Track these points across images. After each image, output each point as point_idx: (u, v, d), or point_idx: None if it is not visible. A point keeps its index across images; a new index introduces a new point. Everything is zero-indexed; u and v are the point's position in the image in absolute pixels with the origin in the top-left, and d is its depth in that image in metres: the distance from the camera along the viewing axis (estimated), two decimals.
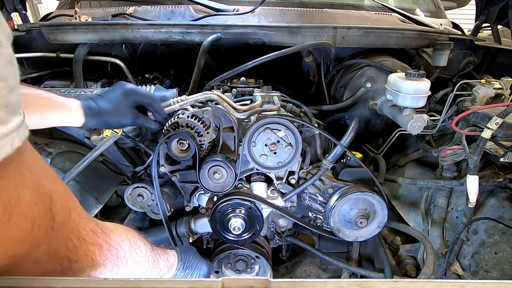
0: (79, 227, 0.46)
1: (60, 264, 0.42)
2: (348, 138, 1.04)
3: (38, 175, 0.39)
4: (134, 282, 0.34)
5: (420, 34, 1.42)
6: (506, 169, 1.23)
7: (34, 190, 0.37)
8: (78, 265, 0.45)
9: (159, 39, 1.31)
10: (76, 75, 1.31)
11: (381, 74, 1.41)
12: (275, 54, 1.22)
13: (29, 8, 2.93)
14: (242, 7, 1.57)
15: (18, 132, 0.33)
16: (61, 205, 0.42)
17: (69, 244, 0.43)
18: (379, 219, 1.05)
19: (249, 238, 1.11)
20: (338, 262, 1.18)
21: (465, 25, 2.11)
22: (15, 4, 1.73)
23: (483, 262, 1.14)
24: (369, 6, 1.77)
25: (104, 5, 1.74)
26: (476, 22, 1.91)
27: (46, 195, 0.39)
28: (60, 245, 0.42)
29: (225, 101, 1.04)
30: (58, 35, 1.32)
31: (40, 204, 0.37)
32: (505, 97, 1.29)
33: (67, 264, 0.43)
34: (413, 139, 1.60)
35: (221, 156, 1.05)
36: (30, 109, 0.69)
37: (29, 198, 0.36)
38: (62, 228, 0.42)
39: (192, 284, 0.35)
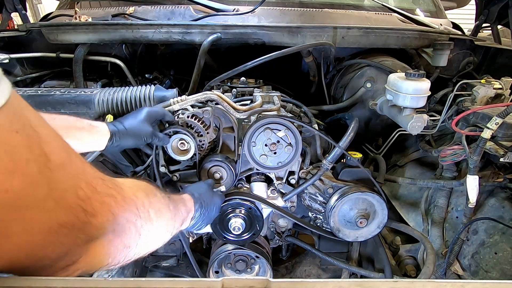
0: (86, 175, 0.41)
1: (76, 216, 0.38)
2: (348, 138, 1.04)
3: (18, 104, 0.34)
4: (134, 282, 0.34)
5: (420, 34, 1.42)
6: (506, 169, 1.23)
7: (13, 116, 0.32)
8: (98, 219, 0.41)
9: (159, 39, 1.31)
10: (76, 75, 1.31)
11: (381, 74, 1.41)
12: (275, 54, 1.22)
13: (29, 8, 2.93)
14: (242, 7, 1.57)
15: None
16: (56, 145, 0.38)
17: (79, 192, 0.39)
18: (379, 219, 1.05)
19: (249, 238, 1.11)
20: (338, 262, 1.18)
21: (465, 25, 2.11)
22: (15, 4, 1.73)
23: (483, 262, 1.14)
24: (369, 6, 1.77)
25: (104, 5, 1.74)
26: (476, 22, 1.91)
27: (29, 127, 0.34)
28: (67, 191, 0.38)
29: (225, 101, 1.04)
30: (58, 35, 1.32)
31: (23, 134, 0.33)
32: (505, 97, 1.29)
33: (84, 217, 0.39)
34: (413, 139, 1.60)
35: (221, 156, 1.05)
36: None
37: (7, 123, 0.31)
38: (62, 170, 0.37)
39: (192, 284, 0.35)
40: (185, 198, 0.83)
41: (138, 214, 0.50)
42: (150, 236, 0.55)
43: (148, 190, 0.58)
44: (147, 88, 1.12)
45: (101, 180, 0.43)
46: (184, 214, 0.77)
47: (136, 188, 0.55)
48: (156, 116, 0.96)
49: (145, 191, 0.56)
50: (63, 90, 1.08)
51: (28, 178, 0.33)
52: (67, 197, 0.37)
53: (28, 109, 0.36)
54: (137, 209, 0.50)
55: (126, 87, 1.12)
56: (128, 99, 1.09)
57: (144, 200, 0.54)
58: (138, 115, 0.93)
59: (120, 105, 1.08)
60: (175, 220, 0.68)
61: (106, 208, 0.43)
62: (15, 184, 0.32)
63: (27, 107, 0.37)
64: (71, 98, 1.05)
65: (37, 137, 0.35)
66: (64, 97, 1.05)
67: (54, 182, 0.36)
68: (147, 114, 0.93)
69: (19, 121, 0.33)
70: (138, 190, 0.54)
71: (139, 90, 1.11)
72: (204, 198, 0.90)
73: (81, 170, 0.41)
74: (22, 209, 0.33)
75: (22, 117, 0.34)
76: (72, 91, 1.08)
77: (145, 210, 0.53)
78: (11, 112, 0.33)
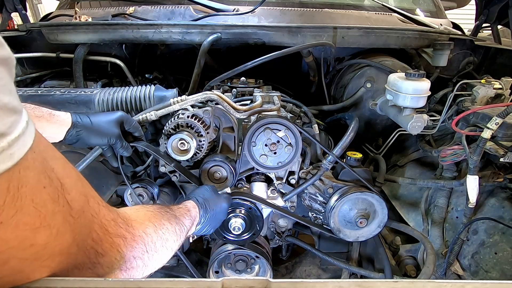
0: (100, 217, 0.43)
1: (88, 257, 0.40)
2: (348, 138, 1.04)
3: (45, 156, 0.35)
4: (134, 282, 0.34)
5: (420, 34, 1.42)
6: (506, 169, 1.23)
7: (40, 172, 0.33)
8: (105, 259, 0.43)
9: (159, 39, 1.31)
10: (76, 75, 1.31)
11: (381, 74, 1.41)
12: (275, 54, 1.22)
13: (29, 8, 2.92)
14: (242, 7, 1.57)
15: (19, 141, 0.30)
16: (77, 192, 0.39)
17: (93, 235, 0.41)
18: (379, 218, 1.05)
19: (249, 238, 1.11)
20: (338, 262, 1.18)
21: (465, 25, 2.11)
22: (15, 4, 1.73)
23: (483, 262, 1.14)
24: (369, 6, 1.77)
25: (104, 5, 1.74)
26: (476, 22, 1.91)
27: (55, 179, 0.35)
28: (85, 235, 0.39)
29: (225, 101, 1.04)
30: (58, 35, 1.32)
31: (49, 188, 0.34)
32: (505, 97, 1.29)
33: (94, 258, 0.41)
34: (413, 139, 1.60)
35: (221, 156, 1.05)
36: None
37: (35, 180, 0.32)
38: (82, 216, 0.39)
39: (192, 284, 0.35)
40: (189, 207, 0.82)
41: (146, 249, 0.53)
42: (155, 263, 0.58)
43: (158, 222, 0.60)
44: (147, 88, 1.12)
45: (113, 221, 0.46)
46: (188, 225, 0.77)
47: (146, 222, 0.57)
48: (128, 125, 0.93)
49: (155, 224, 0.59)
50: (63, 90, 1.08)
51: (53, 230, 0.34)
52: (85, 242, 0.39)
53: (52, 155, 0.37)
54: (145, 245, 0.53)
55: (126, 87, 1.12)
56: (128, 99, 1.09)
57: (153, 235, 0.56)
58: (110, 115, 0.90)
59: (120, 105, 1.08)
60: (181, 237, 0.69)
61: (115, 248, 0.45)
62: (41, 238, 0.33)
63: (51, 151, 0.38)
64: (71, 98, 1.05)
65: (62, 188, 0.36)
66: (64, 97, 1.05)
67: (76, 228, 0.37)
68: (119, 118, 0.90)
69: (45, 175, 0.34)
70: (148, 225, 0.57)
71: (139, 90, 1.11)
72: (210, 203, 0.89)
73: (96, 212, 0.42)
74: (46, 258, 0.34)
75: (48, 169, 0.35)
76: (72, 91, 1.08)
77: (153, 243, 0.55)
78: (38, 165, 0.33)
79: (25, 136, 0.31)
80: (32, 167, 0.32)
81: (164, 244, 0.60)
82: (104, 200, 0.46)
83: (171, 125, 1.00)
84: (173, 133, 0.99)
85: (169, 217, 0.67)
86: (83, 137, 0.84)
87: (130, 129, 0.94)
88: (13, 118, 0.30)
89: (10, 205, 0.29)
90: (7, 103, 0.29)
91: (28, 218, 0.31)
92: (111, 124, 0.88)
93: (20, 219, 0.30)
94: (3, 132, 0.29)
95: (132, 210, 0.59)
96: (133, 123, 0.95)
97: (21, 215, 0.30)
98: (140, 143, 0.97)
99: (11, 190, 0.29)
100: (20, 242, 0.31)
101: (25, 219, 0.31)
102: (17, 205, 0.30)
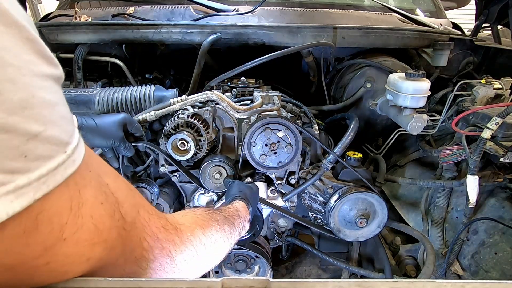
0: (150, 225, 0.44)
1: (138, 266, 0.41)
2: (348, 138, 1.04)
3: (98, 173, 0.36)
4: (134, 282, 0.34)
5: (420, 34, 1.42)
6: (506, 169, 1.23)
7: (96, 189, 0.34)
8: (156, 264, 0.44)
9: (159, 39, 1.31)
10: (76, 75, 1.31)
11: (381, 74, 1.41)
12: (275, 54, 1.22)
13: (29, 8, 2.93)
14: (242, 7, 1.57)
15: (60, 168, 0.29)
16: (129, 204, 0.40)
17: (144, 244, 0.41)
18: (379, 218, 1.05)
19: (249, 238, 1.10)
20: (338, 262, 1.18)
21: (465, 25, 2.11)
22: None
23: (483, 262, 1.14)
24: (369, 6, 1.77)
25: (104, 5, 1.74)
26: (476, 22, 1.91)
27: (110, 195, 0.37)
28: (135, 245, 0.40)
29: (225, 101, 1.04)
30: (58, 35, 1.32)
31: (106, 204, 0.35)
32: (505, 97, 1.29)
33: (146, 265, 0.42)
34: (413, 139, 1.60)
35: (221, 156, 1.05)
36: None
37: (93, 197, 0.33)
38: (133, 228, 0.40)
39: (192, 284, 0.35)
40: (237, 206, 0.81)
41: (195, 251, 0.53)
42: (207, 264, 0.59)
43: (205, 224, 0.61)
44: (147, 88, 1.12)
45: (163, 227, 0.47)
46: (241, 225, 0.77)
47: (194, 225, 0.58)
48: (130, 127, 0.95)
49: (202, 227, 0.59)
50: (63, 90, 1.08)
51: (108, 244, 0.35)
52: (135, 252, 0.40)
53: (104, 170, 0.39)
54: (194, 248, 0.53)
55: (126, 87, 1.12)
56: (128, 99, 1.09)
57: (201, 237, 0.57)
58: (113, 116, 0.91)
59: (120, 105, 1.08)
60: (232, 237, 0.70)
61: (165, 253, 0.46)
62: (97, 251, 0.34)
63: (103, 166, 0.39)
64: (71, 98, 1.05)
65: (116, 202, 0.37)
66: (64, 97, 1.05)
67: (127, 241, 0.38)
68: (122, 120, 0.91)
69: (101, 191, 0.35)
70: (196, 228, 0.57)
71: (139, 90, 1.11)
72: (250, 194, 0.89)
73: (147, 221, 0.43)
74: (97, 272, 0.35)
75: (103, 185, 0.36)
76: (72, 91, 1.08)
77: (202, 245, 0.56)
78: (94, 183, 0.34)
79: (80, 147, 0.33)
80: (89, 186, 0.33)
81: (214, 244, 0.60)
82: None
83: (171, 125, 1.00)
84: (173, 133, 0.99)
85: (217, 218, 0.67)
86: (88, 139, 0.85)
87: (132, 130, 0.95)
88: (71, 128, 0.32)
89: (72, 223, 0.30)
90: (65, 113, 0.31)
91: (88, 235, 0.32)
92: (115, 126, 0.89)
93: (81, 236, 0.32)
94: (67, 141, 0.30)
95: (180, 215, 0.60)
96: (135, 124, 0.96)
97: (81, 232, 0.31)
98: (142, 142, 0.98)
99: (73, 209, 0.31)
100: (79, 257, 0.32)
101: (85, 236, 0.32)
102: (78, 222, 0.31)
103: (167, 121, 1.03)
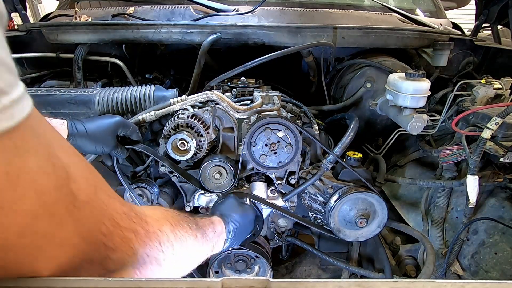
0: (109, 209, 0.41)
1: (97, 252, 0.38)
2: (348, 138, 1.04)
3: (50, 144, 0.34)
4: (134, 282, 0.34)
5: (420, 34, 1.42)
6: (506, 169, 1.23)
7: (42, 158, 0.32)
8: (117, 254, 0.41)
9: (159, 39, 1.31)
10: (76, 75, 1.31)
11: (381, 74, 1.41)
12: (275, 54, 1.22)
13: (29, 8, 2.92)
14: (242, 7, 1.57)
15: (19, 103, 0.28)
16: (84, 182, 0.37)
17: (102, 228, 0.39)
18: (379, 219, 1.05)
19: (249, 238, 1.10)
20: (338, 262, 1.18)
21: (465, 25, 2.11)
22: (15, 4, 1.73)
23: (483, 262, 1.14)
24: (369, 6, 1.77)
25: (104, 5, 1.74)
26: (476, 22, 1.91)
27: (60, 168, 0.34)
28: (92, 227, 0.38)
29: (225, 101, 1.04)
30: (58, 35, 1.32)
31: (52, 176, 0.33)
32: (505, 97, 1.29)
33: (104, 252, 0.39)
34: (413, 139, 1.60)
35: (221, 156, 1.05)
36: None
37: (37, 167, 0.31)
38: (87, 207, 0.37)
39: (192, 284, 0.35)
40: (214, 222, 0.78)
41: (161, 248, 0.50)
42: (174, 267, 0.55)
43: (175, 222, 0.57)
44: (147, 88, 1.12)
45: (125, 214, 0.43)
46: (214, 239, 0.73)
47: (163, 220, 0.54)
48: (125, 130, 0.93)
49: (172, 224, 0.55)
50: (63, 90, 1.08)
51: (55, 219, 0.33)
52: (91, 233, 0.38)
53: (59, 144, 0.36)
54: (160, 244, 0.50)
55: (126, 87, 1.12)
56: (128, 99, 1.09)
57: (169, 234, 0.53)
58: (106, 123, 0.88)
59: (120, 105, 1.08)
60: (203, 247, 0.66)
61: (127, 243, 0.43)
62: (42, 226, 0.32)
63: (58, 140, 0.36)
64: (71, 98, 1.05)
65: (67, 177, 0.35)
66: (64, 97, 1.05)
67: (80, 220, 0.36)
68: (115, 126, 0.89)
69: (50, 162, 0.33)
70: (164, 224, 0.54)
71: (139, 90, 1.11)
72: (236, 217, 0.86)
73: (106, 204, 0.41)
74: (48, 248, 0.33)
75: (53, 156, 0.34)
76: (72, 91, 1.08)
77: (169, 244, 0.52)
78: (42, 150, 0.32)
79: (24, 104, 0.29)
80: (34, 153, 0.31)
81: (183, 246, 0.56)
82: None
83: (171, 125, 1.00)
84: (173, 133, 0.99)
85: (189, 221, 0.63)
86: (79, 145, 0.84)
87: (128, 132, 0.94)
88: (11, 78, 0.28)
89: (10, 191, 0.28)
90: (4, 57, 0.28)
91: (29, 205, 0.30)
92: (107, 133, 0.87)
93: (21, 206, 0.29)
94: (2, 89, 0.27)
95: (149, 208, 0.56)
96: (131, 126, 0.94)
97: (22, 202, 0.29)
98: (138, 145, 0.97)
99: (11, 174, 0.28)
100: (21, 229, 0.30)
101: (26, 206, 0.30)
102: (17, 191, 0.29)
103: (167, 121, 1.03)
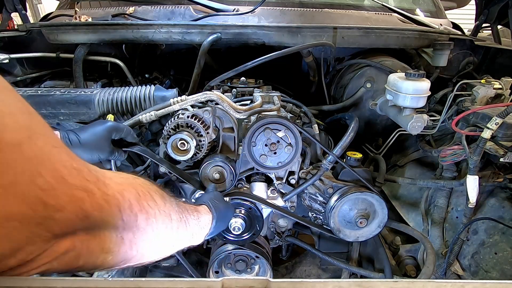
0: (52, 159, 0.34)
1: (31, 208, 0.32)
2: (348, 138, 1.04)
3: None
4: (133, 282, 0.34)
5: (420, 34, 1.42)
6: (506, 169, 1.23)
7: None
8: (63, 214, 0.35)
9: (159, 39, 1.31)
10: (76, 75, 1.31)
11: (381, 74, 1.41)
12: (275, 54, 1.22)
13: (29, 8, 2.92)
14: (242, 7, 1.57)
15: None
16: (14, 121, 0.32)
17: (38, 180, 0.33)
18: (379, 219, 1.05)
19: (249, 238, 1.11)
20: (338, 262, 1.18)
21: (465, 25, 2.11)
22: (15, 4, 1.73)
23: (483, 262, 1.14)
24: (369, 6, 1.77)
25: (104, 5, 1.74)
26: (476, 22, 1.91)
27: None
28: (20, 177, 0.31)
29: (225, 101, 1.04)
30: (58, 35, 1.32)
31: None
32: (505, 97, 1.29)
33: (43, 211, 0.33)
34: (413, 139, 1.60)
35: (221, 156, 1.05)
36: None
37: None
38: (16, 151, 0.31)
39: (192, 284, 0.35)
40: (200, 211, 0.74)
41: (121, 217, 0.43)
42: (140, 246, 0.48)
43: (143, 192, 0.49)
44: (147, 88, 1.12)
45: (75, 170, 0.37)
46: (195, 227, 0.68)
47: (126, 185, 0.46)
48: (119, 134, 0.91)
49: (138, 192, 0.48)
50: (63, 90, 1.08)
51: None
52: (19, 184, 0.31)
53: None
54: (120, 212, 0.43)
55: (126, 87, 1.12)
56: (128, 99, 1.09)
57: (133, 202, 0.45)
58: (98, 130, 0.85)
59: (120, 105, 1.08)
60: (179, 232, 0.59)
61: (76, 204, 0.36)
62: None
63: None
64: (71, 98, 1.05)
65: None
66: (64, 97, 1.05)
67: (3, 164, 0.30)
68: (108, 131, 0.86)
69: None
70: (128, 189, 0.46)
71: (139, 90, 1.11)
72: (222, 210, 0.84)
73: (46, 153, 0.34)
74: None
75: None
76: (72, 91, 1.08)
77: (132, 214, 0.45)
78: None
79: None
80: None
81: (149, 223, 0.48)
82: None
83: (171, 125, 1.00)
84: (173, 133, 0.99)
85: (164, 197, 0.55)
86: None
87: (122, 135, 0.92)
88: None
89: None
90: None
91: None
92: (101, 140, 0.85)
93: None
94: None
95: (113, 172, 0.48)
96: (124, 129, 0.92)
97: None
98: (134, 148, 0.96)
99: None
100: None
101: None
102: None
103: (167, 121, 1.03)
